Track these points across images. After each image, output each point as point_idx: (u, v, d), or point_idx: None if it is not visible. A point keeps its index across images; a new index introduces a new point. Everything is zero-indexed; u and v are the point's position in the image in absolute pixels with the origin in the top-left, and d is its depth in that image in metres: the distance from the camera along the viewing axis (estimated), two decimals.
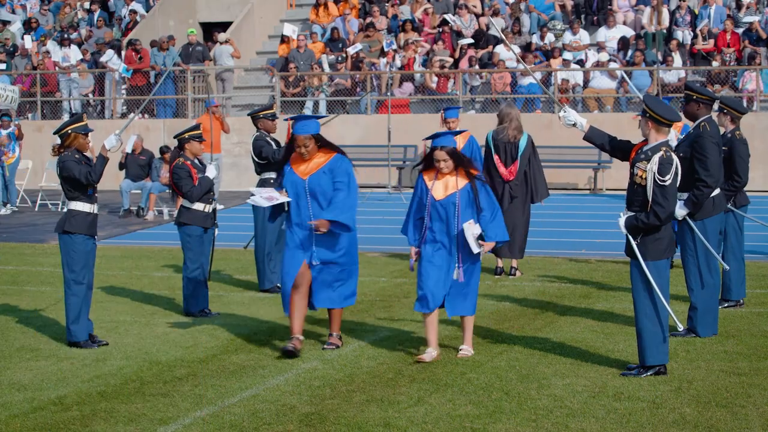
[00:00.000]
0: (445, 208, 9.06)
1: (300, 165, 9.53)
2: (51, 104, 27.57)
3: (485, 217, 9.08)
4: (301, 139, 9.41)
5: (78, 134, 9.79)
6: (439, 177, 9.13)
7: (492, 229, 9.12)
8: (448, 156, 9.06)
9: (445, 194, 9.08)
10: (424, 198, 9.16)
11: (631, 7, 26.31)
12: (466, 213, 9.03)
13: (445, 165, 9.07)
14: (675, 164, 8.29)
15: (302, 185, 9.46)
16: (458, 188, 9.06)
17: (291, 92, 25.70)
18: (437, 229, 9.11)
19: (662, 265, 8.44)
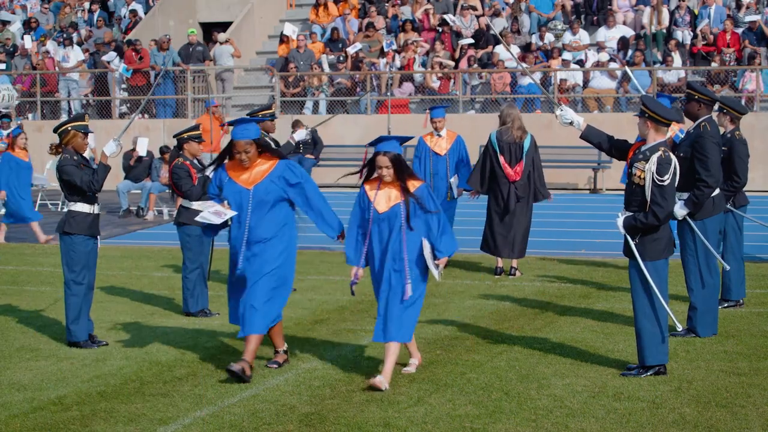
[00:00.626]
0: (387, 222, 8.34)
1: (241, 173, 8.70)
2: (51, 104, 27.57)
3: (433, 231, 8.36)
4: (241, 144, 8.60)
5: (77, 132, 9.78)
6: (382, 187, 8.38)
7: (443, 243, 8.40)
8: (391, 163, 8.30)
9: (388, 206, 8.34)
10: (366, 212, 8.43)
11: (631, 7, 26.31)
12: (412, 225, 8.32)
13: (387, 173, 8.31)
14: (673, 164, 8.29)
15: (247, 195, 8.67)
16: (402, 199, 8.34)
17: (291, 92, 25.70)
18: (377, 246, 8.40)
19: (660, 265, 8.44)
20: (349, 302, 11.92)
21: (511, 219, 13.55)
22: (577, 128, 9.15)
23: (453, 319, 10.84)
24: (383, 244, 8.38)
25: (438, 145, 14.42)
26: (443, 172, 14.33)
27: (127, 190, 21.18)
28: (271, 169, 8.70)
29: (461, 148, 14.42)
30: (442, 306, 11.62)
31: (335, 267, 14.65)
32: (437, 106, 14.97)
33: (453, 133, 14.55)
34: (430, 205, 8.33)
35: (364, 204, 8.45)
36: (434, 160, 14.40)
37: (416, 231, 8.33)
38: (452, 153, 14.38)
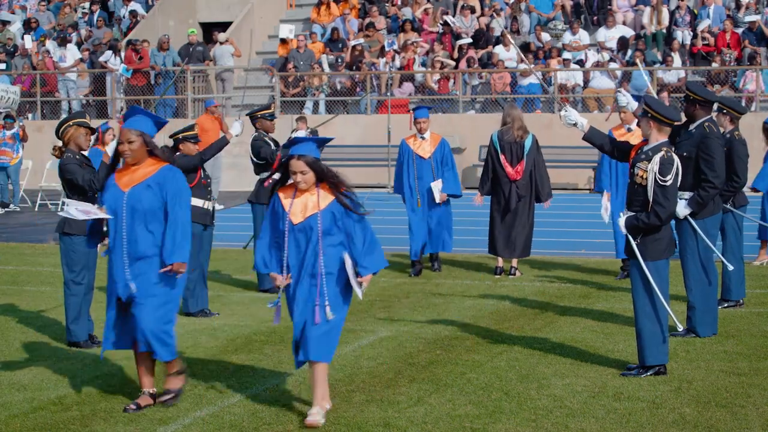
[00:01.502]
0: (304, 234, 7.35)
1: (124, 175, 7.74)
2: (51, 104, 27.57)
3: (357, 245, 7.39)
4: (123, 133, 7.65)
5: (79, 127, 9.76)
6: (298, 195, 7.38)
7: (365, 257, 7.41)
8: (308, 167, 7.31)
9: (304, 216, 7.35)
10: (280, 222, 7.42)
11: (631, 7, 26.31)
12: (330, 239, 7.36)
13: (303, 179, 7.31)
14: (676, 164, 8.30)
15: (121, 200, 7.65)
16: (320, 208, 7.33)
17: (291, 92, 25.70)
18: (293, 260, 7.41)
19: (662, 265, 8.45)
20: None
21: (513, 219, 13.55)
22: (581, 129, 9.14)
23: (453, 319, 10.84)
24: (300, 259, 7.39)
25: (422, 148, 13.92)
26: (428, 176, 13.82)
27: None
28: (152, 174, 7.67)
29: (446, 152, 13.99)
30: (442, 306, 11.62)
31: None
32: (421, 106, 14.51)
33: (437, 136, 14.12)
34: (352, 217, 7.39)
35: (278, 214, 7.45)
36: (418, 163, 13.88)
37: (337, 244, 7.39)
38: (437, 156, 13.89)
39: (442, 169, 13.87)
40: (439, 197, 13.73)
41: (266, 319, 11.01)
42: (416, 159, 13.89)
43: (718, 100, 10.47)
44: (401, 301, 12.03)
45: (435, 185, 13.76)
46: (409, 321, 10.81)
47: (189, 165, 11.28)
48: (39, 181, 23.61)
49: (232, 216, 19.41)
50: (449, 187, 13.83)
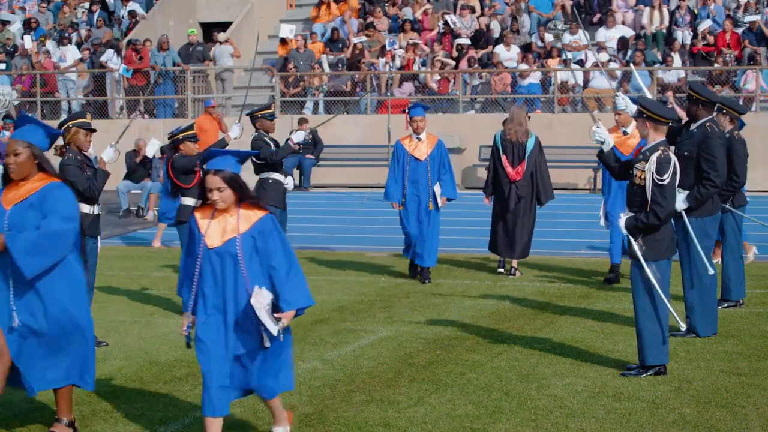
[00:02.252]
0: (221, 259, 6.51)
1: (11, 191, 6.91)
2: (51, 104, 27.57)
3: (280, 274, 6.48)
4: (10, 144, 6.90)
5: (79, 129, 9.78)
6: (216, 215, 6.56)
7: (289, 290, 6.49)
8: (225, 184, 6.49)
9: (222, 240, 6.51)
10: (195, 246, 6.60)
11: (631, 7, 26.31)
12: (252, 266, 6.50)
13: (220, 197, 6.48)
14: (673, 163, 8.31)
15: (2, 219, 6.82)
16: (240, 232, 6.50)
17: (291, 92, 25.70)
18: (210, 289, 6.55)
19: (663, 265, 8.45)
20: (349, 302, 11.93)
21: (512, 219, 13.56)
22: (604, 149, 8.92)
23: (453, 319, 10.84)
24: (218, 288, 6.54)
25: (418, 149, 13.35)
26: (424, 179, 13.27)
27: (127, 190, 21.17)
28: (36, 190, 6.88)
29: (443, 153, 13.37)
30: (442, 306, 11.62)
31: (335, 267, 14.66)
32: (416, 105, 13.65)
33: (434, 137, 13.47)
34: (276, 242, 6.52)
35: (194, 236, 6.63)
36: (413, 165, 13.31)
37: (257, 273, 6.53)
38: (433, 158, 13.27)
39: (439, 171, 13.32)
40: (440, 201, 13.31)
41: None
42: (411, 160, 13.33)
43: (719, 102, 10.48)
44: (401, 301, 12.03)
45: (437, 189, 13.30)
46: (409, 321, 10.81)
47: (188, 165, 11.29)
48: None
49: None
50: (447, 191, 13.36)
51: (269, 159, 12.47)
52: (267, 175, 12.62)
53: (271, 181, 12.55)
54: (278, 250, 6.52)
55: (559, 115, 23.90)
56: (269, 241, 6.52)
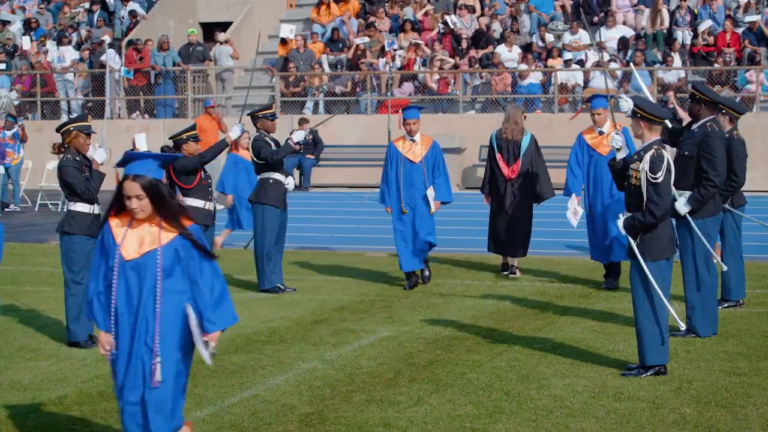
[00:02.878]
0: (137, 274, 5.92)
1: None
2: (51, 104, 27.57)
3: (203, 295, 5.97)
4: None
5: (79, 133, 9.81)
6: (134, 224, 5.97)
7: (215, 309, 6.02)
8: (143, 191, 5.89)
9: (139, 252, 5.93)
10: (110, 257, 5.99)
11: (631, 7, 26.31)
12: (172, 281, 5.93)
13: (138, 205, 5.89)
14: (666, 161, 8.32)
15: None
16: (161, 243, 5.93)
17: (291, 92, 25.70)
18: (123, 307, 5.96)
19: (663, 265, 8.45)
20: (349, 302, 11.93)
21: (509, 218, 13.55)
22: (618, 157, 8.80)
23: (453, 319, 10.84)
24: (133, 306, 5.95)
25: (412, 151, 12.92)
26: (418, 182, 12.82)
27: None
28: None
29: (438, 155, 12.94)
30: (442, 306, 11.62)
31: (335, 267, 14.66)
32: (411, 106, 13.38)
33: (428, 138, 13.07)
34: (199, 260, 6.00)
35: (108, 246, 6.01)
36: (407, 168, 12.86)
37: (179, 291, 5.98)
38: (428, 160, 12.87)
39: (433, 174, 12.91)
40: (434, 206, 12.87)
41: (266, 319, 11.02)
42: (405, 163, 12.90)
43: (720, 102, 10.50)
44: (401, 301, 12.03)
45: (430, 193, 12.86)
46: (409, 321, 10.81)
47: (189, 166, 11.30)
48: (39, 181, 23.61)
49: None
50: (441, 194, 12.95)
51: (270, 159, 12.48)
52: (267, 175, 12.63)
53: (271, 181, 12.56)
54: (203, 265, 5.98)
55: (559, 115, 23.89)
56: (194, 255, 5.97)
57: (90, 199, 9.77)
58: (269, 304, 11.95)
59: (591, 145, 12.77)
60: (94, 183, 9.74)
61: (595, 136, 12.73)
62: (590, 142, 12.78)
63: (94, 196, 9.78)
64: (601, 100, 12.74)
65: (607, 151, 12.33)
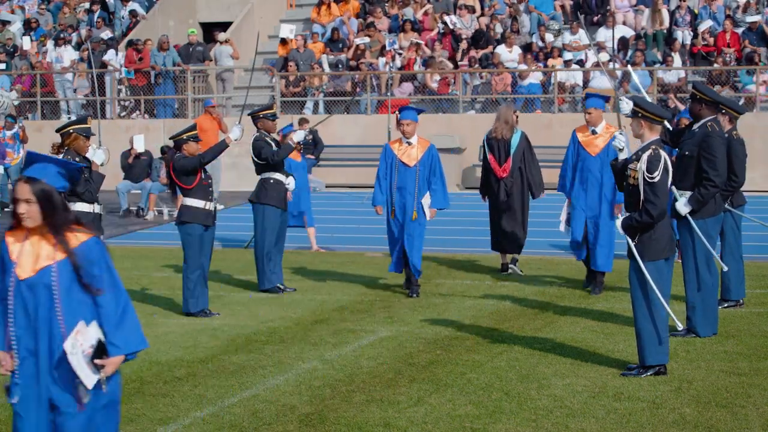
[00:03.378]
0: (34, 293, 5.30)
1: None
2: (51, 104, 27.58)
3: (107, 312, 5.35)
4: None
5: (79, 135, 9.83)
6: (30, 237, 5.34)
7: (119, 331, 5.36)
8: (33, 196, 5.27)
9: (35, 269, 5.31)
10: (6, 276, 5.38)
11: (631, 7, 26.31)
12: (70, 300, 5.28)
13: (28, 212, 5.27)
14: (663, 160, 8.32)
15: None
16: (56, 259, 5.29)
17: (291, 91, 25.70)
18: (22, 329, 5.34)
19: (661, 265, 8.45)
20: (349, 302, 11.94)
21: (505, 216, 13.59)
22: (620, 157, 8.73)
23: (453, 319, 10.84)
24: (31, 327, 5.33)
25: (407, 154, 12.28)
26: (411, 186, 12.17)
27: (127, 190, 21.18)
28: None
29: (434, 160, 12.30)
30: (442, 306, 11.62)
31: (335, 267, 14.66)
32: (407, 107, 12.77)
33: (425, 141, 12.47)
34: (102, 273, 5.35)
35: (5, 264, 5.41)
36: (401, 171, 12.24)
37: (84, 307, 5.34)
38: (423, 165, 12.22)
39: (430, 179, 12.27)
40: (428, 214, 12.22)
41: (266, 319, 11.02)
42: (399, 166, 12.29)
43: (721, 102, 10.50)
44: (401, 301, 12.03)
45: (425, 201, 12.21)
46: (409, 321, 10.81)
47: (189, 167, 11.30)
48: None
49: (232, 216, 19.40)
50: (438, 201, 12.29)
51: (270, 159, 12.49)
52: (268, 175, 12.64)
53: (272, 181, 12.56)
54: (104, 282, 5.35)
55: (559, 115, 23.90)
56: (94, 271, 5.31)
57: (89, 199, 9.78)
58: (269, 304, 11.95)
59: (582, 143, 12.42)
60: (93, 184, 9.75)
61: (587, 135, 12.37)
62: (581, 140, 12.43)
63: (94, 197, 9.80)
64: (596, 99, 12.48)
65: (597, 151, 12.11)
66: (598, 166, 12.09)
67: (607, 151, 11.90)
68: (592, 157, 12.17)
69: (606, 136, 12.12)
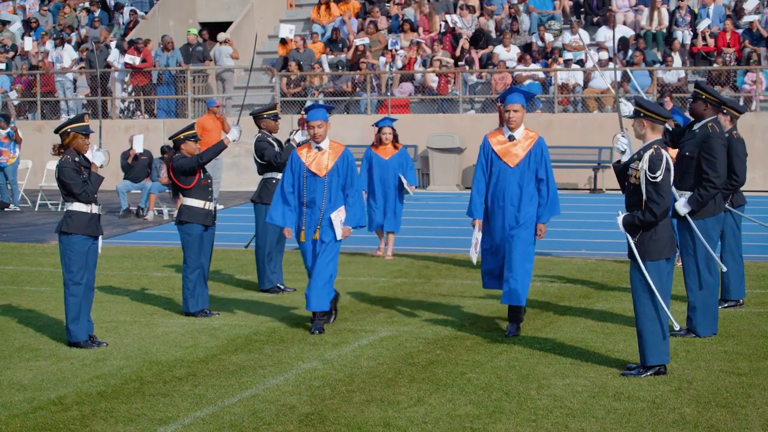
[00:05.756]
0: None
1: None
2: (51, 104, 27.57)
3: None
4: None
5: (78, 134, 9.82)
6: None
7: None
8: None
9: None
10: None
11: (631, 7, 26.32)
12: None
13: None
14: (665, 160, 8.32)
15: None
16: None
17: (291, 91, 25.70)
18: None
19: (662, 265, 8.44)
20: (350, 302, 11.93)
21: None
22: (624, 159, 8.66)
23: (453, 319, 10.84)
24: None
25: (316, 162, 10.32)
26: (320, 200, 10.25)
27: (126, 190, 21.18)
28: None
29: (349, 167, 10.32)
30: (442, 306, 11.62)
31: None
32: (315, 105, 10.51)
33: (339, 146, 10.42)
34: None
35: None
36: (309, 182, 10.30)
37: None
38: (334, 175, 10.29)
39: (344, 191, 10.37)
40: (340, 233, 10.28)
41: (266, 319, 11.02)
42: (307, 176, 10.32)
43: (724, 102, 10.51)
44: (401, 301, 12.03)
45: (333, 217, 10.26)
46: (409, 321, 10.80)
47: (187, 166, 11.30)
48: (39, 181, 23.62)
49: (232, 216, 19.40)
50: (352, 218, 10.35)
51: (274, 161, 12.50)
52: (271, 175, 12.66)
53: (274, 181, 12.56)
54: None
55: (559, 115, 23.90)
56: None
57: (87, 199, 9.77)
58: (269, 304, 11.95)
59: (497, 153, 10.03)
60: (91, 185, 9.75)
61: (502, 141, 10.04)
62: (496, 149, 10.03)
63: (92, 198, 9.79)
64: (518, 95, 10.13)
65: (516, 162, 9.90)
66: (517, 180, 9.93)
67: (528, 162, 9.90)
68: (510, 168, 9.95)
69: (526, 143, 10.02)
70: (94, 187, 9.80)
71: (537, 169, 9.98)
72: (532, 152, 9.99)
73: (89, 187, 9.74)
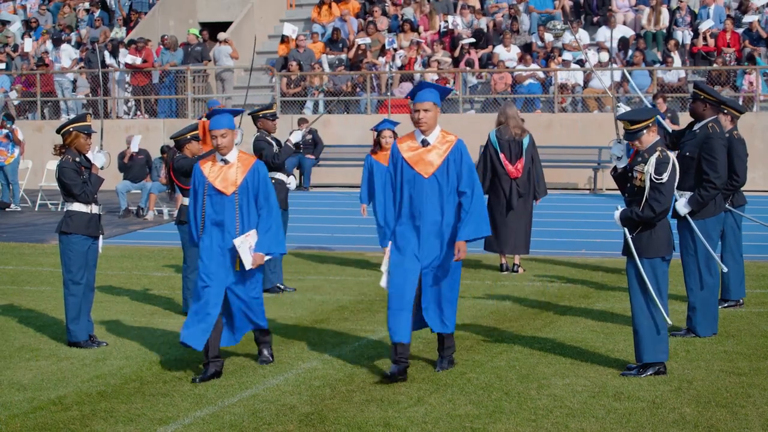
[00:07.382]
0: None
1: None
2: (51, 104, 27.57)
3: None
4: None
5: (79, 134, 9.82)
6: None
7: None
8: None
9: None
10: None
11: (631, 7, 26.32)
12: None
13: None
14: (671, 162, 8.32)
15: None
16: None
17: (291, 91, 25.70)
18: None
19: (658, 263, 8.44)
20: (349, 302, 11.94)
21: (514, 216, 13.62)
22: (618, 166, 8.65)
23: None
24: None
25: (222, 177, 8.74)
26: (230, 222, 8.63)
27: (126, 190, 21.18)
28: None
29: (261, 183, 8.75)
30: None
31: (335, 267, 14.65)
32: (219, 110, 9.11)
33: (250, 158, 8.89)
34: None
35: None
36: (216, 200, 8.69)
37: None
38: (243, 193, 8.69)
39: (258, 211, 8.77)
40: (249, 261, 8.61)
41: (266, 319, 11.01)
42: (214, 195, 8.72)
43: (724, 102, 10.51)
44: None
45: (237, 243, 8.59)
46: None
47: (187, 167, 11.31)
48: (39, 181, 23.62)
49: None
50: (265, 243, 8.72)
51: (272, 161, 12.50)
52: (270, 175, 12.63)
53: (274, 181, 12.55)
54: None
55: (559, 115, 23.90)
56: None
57: (86, 200, 9.77)
58: (269, 304, 11.93)
59: (408, 161, 8.46)
60: (91, 186, 9.75)
61: (414, 148, 8.48)
62: (407, 157, 8.47)
63: (91, 199, 9.78)
64: (431, 91, 8.40)
65: (431, 171, 8.36)
66: (436, 192, 8.40)
67: (446, 170, 8.37)
68: (424, 179, 8.42)
69: (443, 148, 8.42)
70: (94, 188, 9.81)
71: (458, 181, 8.36)
72: (450, 159, 8.34)
73: (89, 188, 9.74)
